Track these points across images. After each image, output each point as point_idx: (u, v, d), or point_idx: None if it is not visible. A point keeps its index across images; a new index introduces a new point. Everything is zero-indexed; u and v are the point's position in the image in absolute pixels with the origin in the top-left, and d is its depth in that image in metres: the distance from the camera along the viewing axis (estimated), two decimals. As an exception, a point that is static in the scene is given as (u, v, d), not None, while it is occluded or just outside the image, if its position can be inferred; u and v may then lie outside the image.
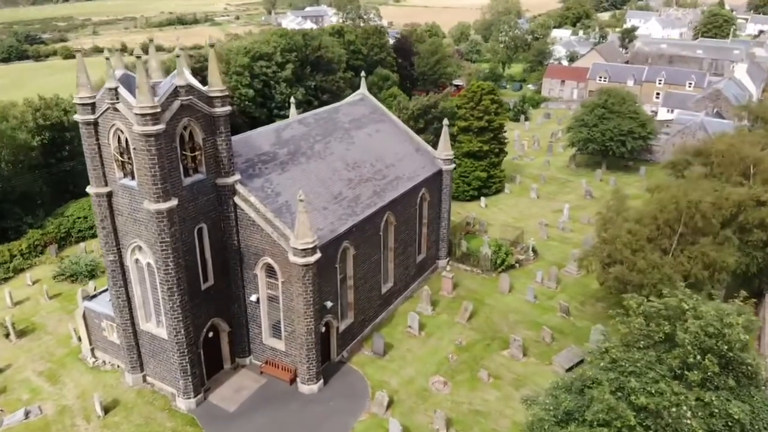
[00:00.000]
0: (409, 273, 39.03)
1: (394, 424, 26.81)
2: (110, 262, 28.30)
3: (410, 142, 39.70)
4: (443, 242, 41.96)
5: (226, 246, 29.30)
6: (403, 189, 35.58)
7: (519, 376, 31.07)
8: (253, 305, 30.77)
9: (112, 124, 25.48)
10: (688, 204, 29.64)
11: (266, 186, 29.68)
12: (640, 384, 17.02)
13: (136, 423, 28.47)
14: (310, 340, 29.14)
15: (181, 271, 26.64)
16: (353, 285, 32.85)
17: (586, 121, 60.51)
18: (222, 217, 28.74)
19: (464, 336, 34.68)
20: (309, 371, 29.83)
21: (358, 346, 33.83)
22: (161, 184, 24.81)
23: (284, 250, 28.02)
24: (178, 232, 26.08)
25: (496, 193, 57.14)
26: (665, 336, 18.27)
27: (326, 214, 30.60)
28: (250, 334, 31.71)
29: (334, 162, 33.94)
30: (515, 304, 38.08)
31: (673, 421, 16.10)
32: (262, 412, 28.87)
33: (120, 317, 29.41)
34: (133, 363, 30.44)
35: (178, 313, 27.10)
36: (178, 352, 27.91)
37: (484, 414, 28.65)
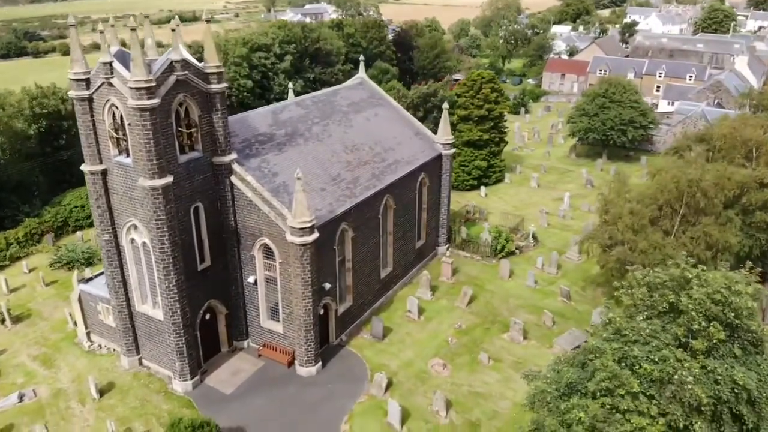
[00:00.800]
0: (409, 259, 38.66)
1: (393, 405, 26.46)
2: (105, 242, 27.94)
3: (409, 126, 39.34)
4: (443, 228, 41.59)
5: (223, 226, 28.94)
6: (402, 172, 35.21)
7: (519, 359, 30.71)
8: (251, 287, 30.41)
9: (107, 100, 25.12)
10: (689, 183, 29.29)
11: (263, 166, 29.33)
12: (643, 352, 16.67)
13: (132, 405, 28.11)
14: (308, 322, 28.78)
15: (177, 250, 26.28)
16: (352, 268, 32.48)
17: (587, 110, 60.16)
18: (218, 197, 28.38)
19: (464, 320, 34.32)
20: (307, 353, 29.46)
21: (356, 330, 33.46)
22: (156, 160, 24.46)
23: (282, 230, 27.67)
24: (173, 210, 25.72)
25: (496, 182, 56.74)
26: (669, 306, 17.89)
27: (324, 195, 30.24)
28: (248, 317, 31.35)
29: (333, 144, 33.59)
30: (516, 289, 37.73)
31: (676, 388, 15.72)
32: (260, 394, 28.51)
33: (116, 299, 29.04)
34: (129, 346, 30.08)
35: (174, 293, 26.74)
36: (174, 333, 27.55)
37: (485, 396, 28.29)
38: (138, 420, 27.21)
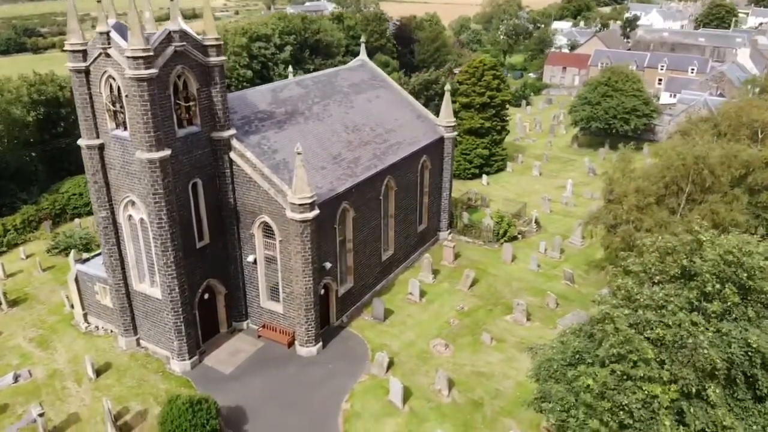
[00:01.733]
0: (410, 243, 38.22)
1: (394, 383, 26.02)
2: (102, 219, 27.49)
3: (411, 109, 38.92)
4: (444, 213, 41.15)
5: (222, 204, 28.49)
6: (404, 153, 34.77)
7: (523, 339, 30.24)
8: (251, 266, 29.97)
9: (104, 71, 24.69)
10: (695, 160, 28.86)
11: (263, 143, 28.89)
12: (656, 316, 16.22)
13: (129, 385, 27.64)
14: (309, 301, 28.34)
15: (174, 225, 25.84)
16: (353, 249, 32.04)
17: (589, 98, 59.75)
18: (217, 174, 27.94)
19: (466, 302, 33.89)
20: (308, 333, 29.02)
21: (357, 312, 33.02)
22: (154, 133, 24.01)
23: (281, 207, 27.23)
24: (171, 184, 25.28)
25: (497, 171, 56.34)
26: (681, 271, 17.45)
27: (325, 174, 29.81)
28: (248, 297, 30.91)
29: (333, 124, 33.15)
30: (518, 273, 37.30)
31: (690, 352, 15.27)
32: (259, 374, 28.06)
33: (113, 277, 28.58)
34: (127, 326, 29.62)
35: (172, 269, 26.29)
36: (173, 311, 27.10)
37: (487, 375, 27.84)
38: (135, 399, 26.76)
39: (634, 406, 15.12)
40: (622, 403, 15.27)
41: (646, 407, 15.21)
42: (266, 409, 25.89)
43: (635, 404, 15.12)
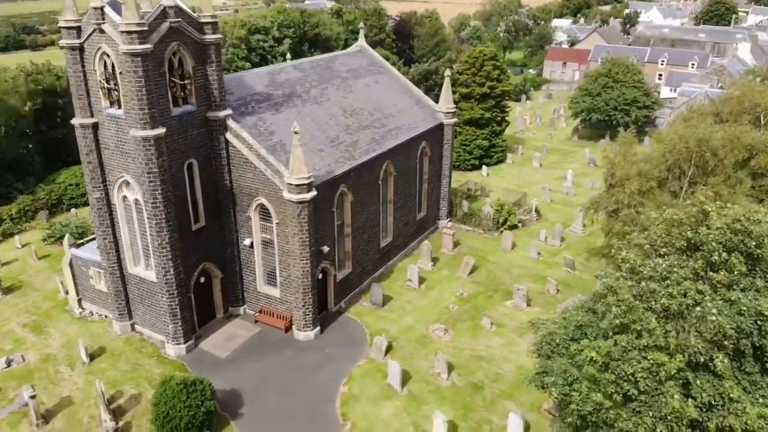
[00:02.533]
0: (409, 230, 37.82)
1: (393, 366, 25.60)
2: (96, 200, 27.08)
3: (410, 95, 38.53)
4: (444, 201, 40.75)
5: (218, 185, 28.08)
6: (403, 138, 34.37)
7: (523, 325, 29.75)
8: (247, 250, 29.56)
9: (98, 48, 24.29)
10: (698, 142, 28.45)
11: (259, 124, 28.49)
12: (661, 287, 15.81)
13: (123, 369, 27.21)
14: (306, 284, 27.92)
15: (170, 206, 25.43)
16: (351, 234, 31.63)
17: (590, 90, 59.38)
18: (213, 154, 27.53)
19: (466, 289, 33.48)
20: (305, 317, 28.60)
21: (356, 298, 32.60)
22: (148, 110, 23.61)
23: (278, 188, 26.83)
24: (166, 163, 24.87)
25: (497, 163, 55.98)
26: (687, 243, 17.04)
27: (323, 156, 29.41)
28: (244, 282, 30.48)
29: (331, 108, 32.76)
30: (518, 260, 36.90)
31: (697, 321, 14.87)
32: (256, 358, 27.63)
33: (107, 260, 28.17)
34: (121, 310, 29.19)
35: (167, 251, 25.87)
36: (168, 294, 26.68)
37: (487, 359, 27.43)
38: (129, 383, 26.32)
39: (640, 375, 14.70)
40: (627, 372, 14.85)
41: (652, 377, 14.79)
42: (263, 392, 25.46)
43: (641, 373, 14.70)
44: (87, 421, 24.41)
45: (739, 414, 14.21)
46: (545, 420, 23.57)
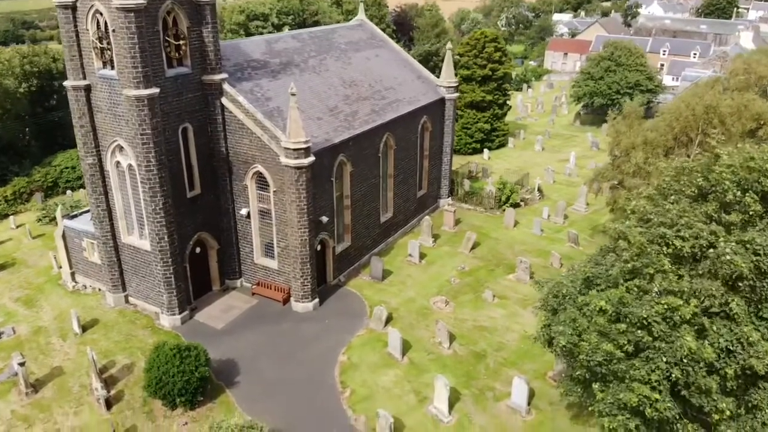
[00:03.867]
0: (409, 207, 37.14)
1: (393, 333, 24.93)
2: (89, 166, 26.40)
3: (411, 69, 37.88)
4: (445, 180, 40.07)
5: (214, 152, 27.40)
6: (404, 111, 33.67)
7: (526, 297, 29.13)
8: (244, 221, 28.88)
9: (91, 6, 23.59)
10: (706, 109, 27.78)
11: (256, 90, 27.82)
12: (672, 232, 15.14)
13: (116, 340, 26.53)
14: (305, 253, 27.25)
15: (163, 170, 24.75)
16: (350, 206, 30.95)
17: (592, 73, 58.69)
18: (209, 120, 26.85)
19: (467, 263, 32.79)
20: (303, 287, 27.92)
21: (355, 273, 31.91)
22: (141, 68, 22.93)
23: (275, 154, 26.15)
24: (159, 125, 24.20)
25: (499, 147, 55.27)
26: (698, 190, 16.37)
27: (321, 124, 28.74)
28: (241, 254, 29.79)
29: (330, 78, 32.10)
30: (521, 236, 36.20)
31: (711, 263, 14.19)
32: (253, 329, 26.94)
33: (100, 229, 27.47)
34: (115, 281, 28.49)
35: (161, 216, 25.19)
36: (162, 262, 25.99)
37: (490, 329, 26.74)
38: (122, 353, 25.64)
39: (653, 320, 14.01)
40: (640, 316, 14.16)
41: (665, 322, 14.11)
42: (259, 361, 24.78)
43: (654, 317, 14.01)
44: (78, 389, 23.72)
45: (761, 356, 13.50)
46: (550, 387, 22.89)
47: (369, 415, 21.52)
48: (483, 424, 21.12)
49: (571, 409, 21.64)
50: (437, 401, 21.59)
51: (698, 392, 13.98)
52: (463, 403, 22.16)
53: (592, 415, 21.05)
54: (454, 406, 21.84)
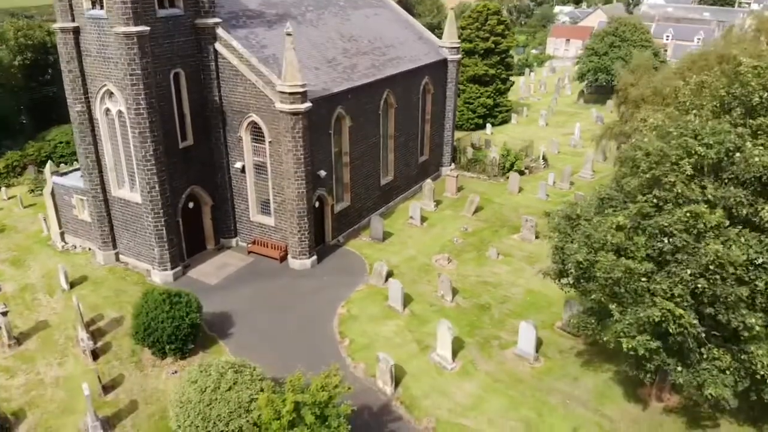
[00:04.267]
0: (411, 173, 36.08)
1: (394, 284, 23.86)
2: (78, 114, 25.36)
3: (412, 30, 36.86)
4: (447, 147, 39.02)
5: (207, 101, 26.37)
6: (405, 68, 32.64)
7: (531, 254, 28.09)
8: (239, 176, 27.84)
9: (77, -60, 22.70)
10: (719, 58, 26.65)
11: (251, 37, 26.80)
12: (695, 141, 14.08)
13: (105, 295, 25.45)
14: (302, 207, 26.19)
15: (154, 114, 23.73)
16: (350, 163, 29.90)
17: (596, 49, 57.62)
18: (202, 67, 25.82)
19: (471, 225, 31.72)
20: (301, 243, 26.86)
21: (354, 234, 30.85)
22: (131, 4, 21.93)
23: (270, 101, 25.11)
24: (150, 66, 23.17)
25: (502, 123, 54.15)
26: (720, 103, 15.32)
27: (318, 74, 27.70)
28: (236, 212, 28.76)
29: (328, 32, 31.09)
30: (526, 201, 35.11)
31: (737, 167, 13.12)
32: (248, 285, 25.88)
33: (90, 181, 26.43)
34: (105, 238, 27.43)
35: (152, 164, 24.16)
36: (153, 213, 24.95)
37: (494, 284, 25.66)
38: (111, 308, 24.55)
39: (676, 228, 12.92)
40: (661, 226, 13.07)
41: (689, 232, 13.02)
42: (255, 315, 23.71)
43: (676, 225, 12.92)
44: (63, 341, 22.65)
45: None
46: (559, 336, 21.79)
47: (369, 363, 20.44)
48: (489, 371, 20.02)
49: (581, 356, 20.57)
50: (440, 348, 20.51)
51: (725, 307, 12.89)
52: (467, 350, 21.07)
53: (604, 362, 20.10)
54: (457, 354, 20.76)
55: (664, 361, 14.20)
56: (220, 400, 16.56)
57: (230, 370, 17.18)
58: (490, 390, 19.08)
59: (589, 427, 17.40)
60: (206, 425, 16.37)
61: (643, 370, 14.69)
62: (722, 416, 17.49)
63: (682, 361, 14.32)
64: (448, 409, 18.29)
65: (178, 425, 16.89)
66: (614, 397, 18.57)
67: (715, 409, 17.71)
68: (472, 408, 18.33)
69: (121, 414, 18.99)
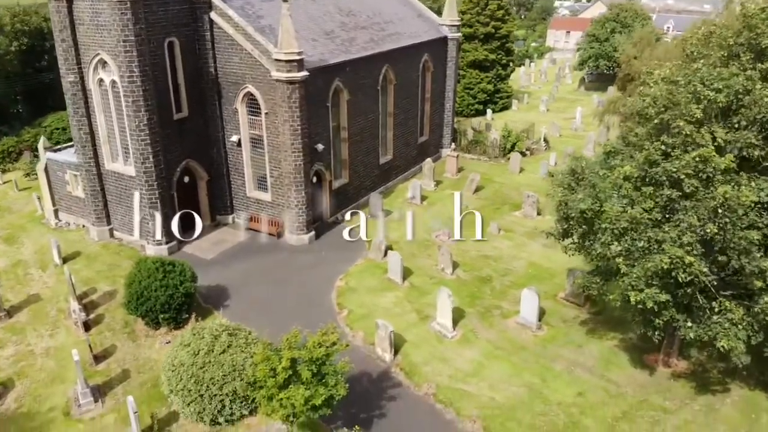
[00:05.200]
0: (410, 153, 35.56)
1: (393, 256, 23.35)
2: (70, 84, 24.84)
3: (411, 7, 36.33)
4: (447, 128, 38.48)
5: (202, 72, 25.86)
6: (404, 44, 32.12)
7: (534, 230, 27.55)
8: (235, 150, 27.32)
9: None
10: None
11: (247, 8, 26.28)
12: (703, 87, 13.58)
13: (98, 270, 24.96)
14: (299, 180, 25.69)
15: (148, 82, 23.22)
16: (348, 139, 29.38)
17: (597, 35, 57.08)
18: (197, 36, 25.33)
19: (471, 203, 31.16)
20: (298, 218, 26.35)
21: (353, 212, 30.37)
22: (123, -32, 21.49)
23: (266, 70, 24.60)
24: (143, 33, 22.68)
25: (503, 109, 53.60)
26: (728, 52, 14.81)
27: (316, 45, 27.19)
28: (233, 188, 28.26)
29: (326, 5, 30.58)
30: (527, 181, 34.54)
31: (749, 110, 12.61)
32: (244, 260, 25.38)
33: (83, 154, 25.89)
34: (99, 213, 26.92)
35: (146, 134, 23.66)
36: (147, 185, 24.45)
37: (495, 258, 25.13)
38: (104, 282, 24.05)
39: (684, 172, 12.40)
40: (669, 171, 12.56)
41: (698, 177, 12.50)
42: (250, 287, 23.22)
43: (685, 170, 12.40)
44: (54, 314, 22.15)
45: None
46: (563, 306, 21.26)
47: (367, 331, 19.92)
48: (490, 338, 19.49)
49: (585, 324, 20.04)
50: (440, 317, 19.98)
51: (737, 253, 12.36)
52: (467, 320, 20.54)
53: (609, 330, 19.59)
54: (458, 324, 20.23)
55: (673, 316, 13.68)
56: (213, 362, 16.10)
57: (224, 333, 16.72)
58: (492, 357, 18.55)
59: (595, 392, 16.88)
60: (199, 388, 15.90)
61: (651, 327, 14.16)
62: (732, 380, 16.98)
63: (692, 318, 13.80)
64: (449, 375, 17.77)
65: (170, 389, 16.44)
66: (620, 364, 18.04)
67: (725, 374, 17.22)
68: (473, 374, 17.81)
69: (113, 382, 18.47)
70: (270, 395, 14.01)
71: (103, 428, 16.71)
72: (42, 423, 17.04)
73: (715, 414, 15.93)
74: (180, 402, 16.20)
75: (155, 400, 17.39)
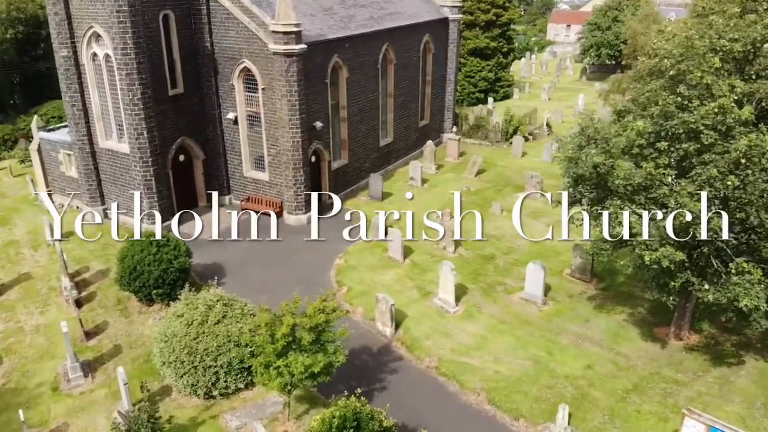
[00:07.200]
0: (411, 136, 34.96)
1: (394, 233, 22.74)
2: (64, 59, 24.25)
3: (411, -11, 35.78)
4: (449, 113, 37.90)
5: (197, 48, 25.26)
6: (404, 23, 31.53)
7: (538, 210, 26.92)
8: (232, 129, 26.72)
9: None
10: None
11: (245, -19, 25.71)
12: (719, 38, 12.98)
13: (91, 249, 24.35)
14: (297, 158, 25.09)
15: (142, 55, 22.60)
16: (347, 119, 28.78)
17: (599, 23, 56.47)
18: (192, 11, 24.73)
19: (473, 185, 30.61)
20: (296, 198, 25.75)
21: (353, 194, 29.71)
22: (116, -66, 20.90)
23: (263, 44, 24.00)
24: (138, 3, 22.06)
25: (504, 98, 52.97)
26: (742, 9, 14.22)
27: (314, 21, 26.58)
28: (229, 168, 27.66)
29: (325, -16, 30.02)
30: (530, 164, 33.95)
31: (765, 57, 12.02)
32: (242, 240, 24.66)
33: (76, 132, 25.31)
34: (92, 192, 26.33)
35: (140, 109, 23.03)
36: (141, 162, 23.83)
37: (498, 237, 24.50)
38: (97, 260, 23.47)
39: (703, 123, 11.80)
40: (687, 122, 11.95)
41: (717, 130, 11.90)
42: (247, 265, 22.71)
43: (704, 121, 11.79)
44: (46, 291, 21.57)
45: None
46: (568, 282, 20.65)
47: (367, 307, 19.35)
48: (494, 313, 18.88)
49: (593, 300, 19.43)
50: (442, 292, 19.38)
51: (756, 209, 11.75)
52: (470, 296, 19.95)
53: (618, 305, 18.98)
54: (460, 300, 19.62)
55: (688, 279, 13.07)
56: (208, 333, 15.47)
57: (219, 303, 16.10)
58: (496, 331, 17.94)
59: (603, 365, 16.27)
60: (193, 360, 15.28)
61: (666, 291, 13.55)
62: (747, 353, 16.37)
63: (708, 281, 13.19)
64: (451, 348, 17.15)
65: (162, 361, 15.81)
66: (630, 337, 17.44)
67: (739, 347, 16.61)
68: (476, 348, 17.19)
69: (104, 358, 17.86)
70: (267, 362, 13.39)
71: (92, 402, 16.09)
72: (29, 398, 16.41)
73: (730, 386, 15.32)
74: (173, 374, 15.58)
75: (147, 375, 16.75)
